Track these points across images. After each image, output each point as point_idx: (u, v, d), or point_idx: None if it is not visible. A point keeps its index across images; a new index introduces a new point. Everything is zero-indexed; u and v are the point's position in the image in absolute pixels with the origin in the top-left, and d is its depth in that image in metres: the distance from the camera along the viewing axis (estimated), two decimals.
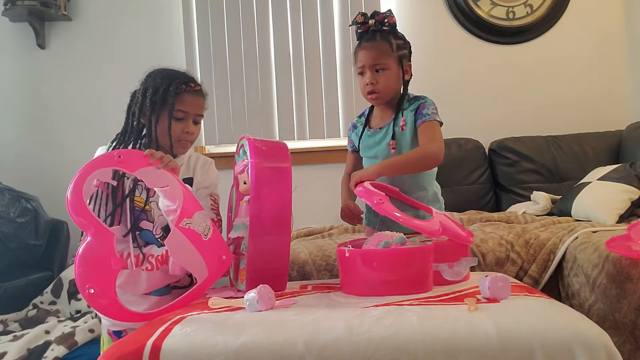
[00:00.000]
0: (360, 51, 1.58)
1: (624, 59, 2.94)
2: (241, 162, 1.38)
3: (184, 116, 1.42)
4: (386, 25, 1.56)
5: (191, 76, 1.47)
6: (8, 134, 2.85)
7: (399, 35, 1.60)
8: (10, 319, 2.15)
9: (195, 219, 1.25)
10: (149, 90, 1.41)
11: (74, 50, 2.84)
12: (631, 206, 2.16)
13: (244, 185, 1.36)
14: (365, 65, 1.57)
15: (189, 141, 1.46)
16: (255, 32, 2.85)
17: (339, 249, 1.28)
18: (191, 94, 1.43)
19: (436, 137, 1.51)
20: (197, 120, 1.46)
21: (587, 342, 0.91)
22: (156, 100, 1.39)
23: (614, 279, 1.57)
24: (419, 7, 2.91)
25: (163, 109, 1.39)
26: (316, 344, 0.93)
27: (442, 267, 1.22)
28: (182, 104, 1.41)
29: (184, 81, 1.42)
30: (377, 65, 1.56)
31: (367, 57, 1.56)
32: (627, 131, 2.70)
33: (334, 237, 2.27)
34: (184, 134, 1.43)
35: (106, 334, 1.42)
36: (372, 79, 1.56)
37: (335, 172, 2.99)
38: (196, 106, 1.44)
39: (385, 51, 1.55)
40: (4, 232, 2.37)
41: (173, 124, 1.40)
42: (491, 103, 2.92)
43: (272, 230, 1.27)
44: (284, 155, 1.32)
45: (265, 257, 1.28)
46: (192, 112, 1.44)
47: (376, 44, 1.56)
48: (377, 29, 1.57)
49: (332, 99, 2.85)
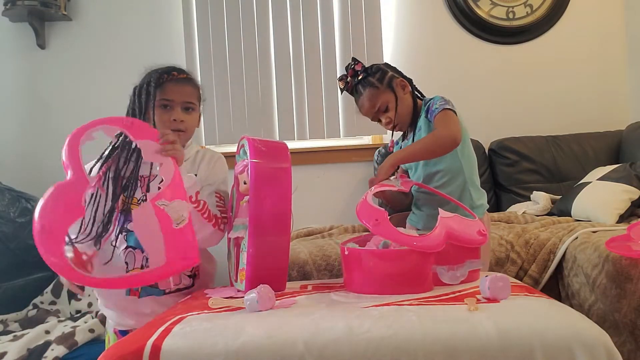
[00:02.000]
0: (361, 109, 1.66)
1: (624, 59, 2.94)
2: (241, 162, 1.38)
3: (168, 104, 1.42)
4: (360, 73, 1.62)
5: (177, 67, 1.47)
6: (8, 134, 2.85)
7: (372, 70, 1.64)
8: (10, 319, 2.15)
9: (173, 204, 1.21)
10: (137, 88, 1.43)
11: (74, 50, 2.84)
12: (631, 206, 2.17)
13: (244, 185, 1.36)
14: (369, 115, 1.65)
15: (180, 129, 1.43)
16: (255, 32, 2.85)
17: (341, 247, 1.29)
18: (174, 83, 1.43)
19: (448, 122, 1.51)
20: (187, 107, 1.45)
21: (587, 342, 0.91)
22: (142, 93, 1.40)
23: (614, 279, 1.57)
24: (419, 7, 2.91)
25: (149, 102, 1.39)
26: (316, 344, 0.93)
27: (440, 269, 1.21)
28: (165, 92, 1.41)
29: (166, 71, 1.43)
30: (377, 110, 1.62)
31: (367, 109, 1.64)
32: (627, 131, 2.70)
33: (334, 237, 2.28)
34: (173, 123, 1.42)
35: (112, 333, 1.42)
36: (384, 119, 1.64)
37: (335, 172, 3.01)
38: (181, 93, 1.43)
39: (375, 95, 1.61)
40: (4, 232, 2.37)
41: (160, 113, 1.40)
42: (491, 103, 2.92)
43: (272, 231, 1.27)
44: (283, 156, 1.32)
45: (265, 257, 1.27)
46: (178, 99, 1.43)
47: (363, 97, 1.63)
48: (356, 82, 1.63)
49: (332, 99, 2.85)
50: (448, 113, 1.53)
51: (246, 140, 1.35)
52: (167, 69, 1.45)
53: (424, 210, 1.67)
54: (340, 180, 2.86)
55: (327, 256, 1.88)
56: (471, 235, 1.28)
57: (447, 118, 1.52)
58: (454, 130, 1.49)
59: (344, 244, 1.34)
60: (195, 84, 1.49)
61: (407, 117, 1.64)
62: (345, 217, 2.76)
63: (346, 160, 2.87)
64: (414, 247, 1.18)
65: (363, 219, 1.25)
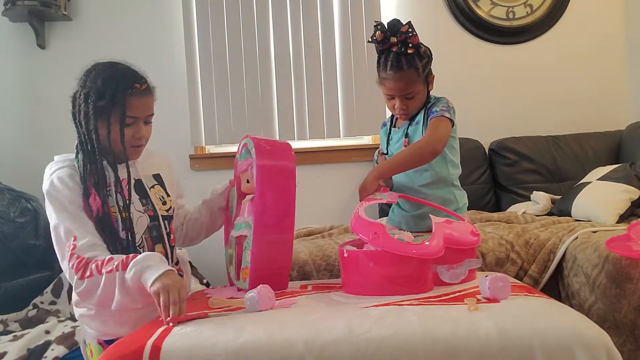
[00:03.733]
0: (388, 81, 1.54)
1: (624, 59, 2.94)
2: (245, 161, 1.38)
3: (133, 121, 1.32)
4: (410, 47, 1.50)
5: (134, 75, 1.34)
6: (8, 133, 2.85)
7: (422, 53, 1.54)
8: (10, 319, 2.15)
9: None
10: (91, 96, 1.29)
11: (74, 50, 2.84)
12: (631, 206, 2.17)
13: (247, 184, 1.36)
14: (394, 94, 1.55)
15: (142, 145, 1.37)
16: (255, 32, 2.85)
17: (339, 249, 1.29)
18: (138, 97, 1.31)
19: (436, 131, 1.50)
20: (147, 120, 1.36)
21: (587, 342, 0.91)
22: (101, 107, 1.28)
23: (614, 279, 1.57)
24: (419, 7, 2.91)
25: (111, 117, 1.29)
26: (316, 344, 0.93)
27: (441, 269, 1.21)
28: (130, 109, 1.29)
29: (129, 84, 1.30)
30: (407, 94, 1.54)
31: (396, 88, 1.54)
32: (627, 131, 2.70)
33: (334, 237, 2.27)
34: (136, 139, 1.34)
35: (96, 344, 1.34)
36: (402, 105, 1.56)
37: (335, 172, 3.01)
38: (145, 108, 1.34)
39: (413, 79, 1.53)
40: (4, 232, 2.36)
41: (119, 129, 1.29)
42: (491, 103, 2.92)
43: (276, 230, 1.28)
44: (288, 155, 1.33)
45: (269, 255, 1.29)
46: (142, 115, 1.33)
47: (404, 74, 1.51)
48: (401, 52, 1.50)
49: (332, 99, 2.85)
50: (443, 121, 1.52)
51: (250, 139, 1.35)
52: (129, 81, 1.31)
53: (408, 211, 1.64)
54: (340, 180, 2.86)
55: (327, 256, 1.88)
56: (467, 237, 1.29)
57: (438, 125, 1.51)
58: (437, 139, 1.49)
59: (342, 246, 1.33)
60: (152, 91, 1.37)
61: (417, 110, 1.61)
62: (345, 217, 2.75)
63: (346, 160, 2.87)
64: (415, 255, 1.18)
65: (360, 233, 1.24)
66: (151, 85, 1.37)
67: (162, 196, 1.43)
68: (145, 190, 1.39)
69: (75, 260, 1.23)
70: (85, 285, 1.21)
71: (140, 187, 1.39)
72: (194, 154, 2.86)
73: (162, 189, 1.44)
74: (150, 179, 1.43)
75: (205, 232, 1.57)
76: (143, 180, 1.40)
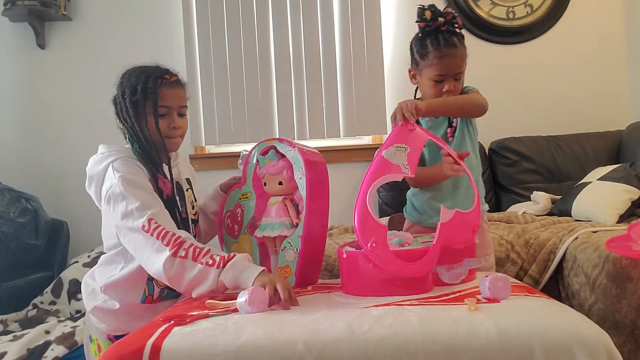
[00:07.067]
0: (445, 59, 1.48)
1: (624, 59, 2.94)
2: (275, 163, 1.39)
3: (166, 111, 1.36)
4: (457, 27, 1.51)
5: (165, 68, 1.40)
6: (8, 133, 2.85)
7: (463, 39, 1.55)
8: (10, 319, 2.15)
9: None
10: (127, 92, 1.35)
11: (74, 50, 2.84)
12: (631, 206, 2.17)
13: (278, 185, 1.39)
14: (449, 73, 1.51)
15: (179, 136, 1.41)
16: (255, 32, 2.85)
17: (338, 250, 1.29)
18: (168, 87, 1.36)
19: (481, 95, 1.54)
20: (181, 112, 1.40)
21: (587, 342, 0.91)
22: (136, 100, 1.34)
23: (614, 279, 1.58)
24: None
25: (146, 108, 1.34)
26: (316, 344, 0.93)
27: (440, 269, 1.21)
28: (162, 99, 1.34)
29: (159, 75, 1.36)
30: (458, 74, 1.52)
31: (454, 65, 1.49)
32: (627, 131, 2.70)
33: (334, 237, 2.27)
34: (172, 130, 1.38)
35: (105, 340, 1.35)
36: (451, 86, 1.51)
37: (335, 172, 2.97)
38: (177, 98, 1.38)
39: (464, 58, 1.53)
40: (4, 232, 2.37)
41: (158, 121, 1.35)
42: (491, 103, 2.86)
43: (319, 235, 1.40)
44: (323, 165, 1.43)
45: (313, 258, 1.41)
46: (174, 105, 1.37)
47: (458, 52, 1.50)
48: (452, 32, 1.50)
49: (332, 99, 2.85)
50: (478, 93, 1.56)
51: (290, 144, 1.38)
52: (158, 72, 1.37)
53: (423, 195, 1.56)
54: (340, 180, 2.85)
55: (327, 256, 1.87)
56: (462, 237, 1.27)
57: (478, 94, 1.55)
58: (485, 100, 1.52)
59: (342, 248, 1.33)
60: (184, 85, 1.43)
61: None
62: (345, 217, 2.75)
63: (346, 160, 2.87)
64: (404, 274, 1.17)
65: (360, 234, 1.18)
66: (183, 81, 1.42)
67: (192, 200, 1.47)
68: (182, 192, 1.43)
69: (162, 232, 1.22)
70: (176, 265, 1.20)
71: (180, 189, 1.42)
72: (194, 154, 2.86)
73: (192, 192, 1.48)
74: (185, 182, 1.47)
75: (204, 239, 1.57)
76: (181, 183, 1.44)
